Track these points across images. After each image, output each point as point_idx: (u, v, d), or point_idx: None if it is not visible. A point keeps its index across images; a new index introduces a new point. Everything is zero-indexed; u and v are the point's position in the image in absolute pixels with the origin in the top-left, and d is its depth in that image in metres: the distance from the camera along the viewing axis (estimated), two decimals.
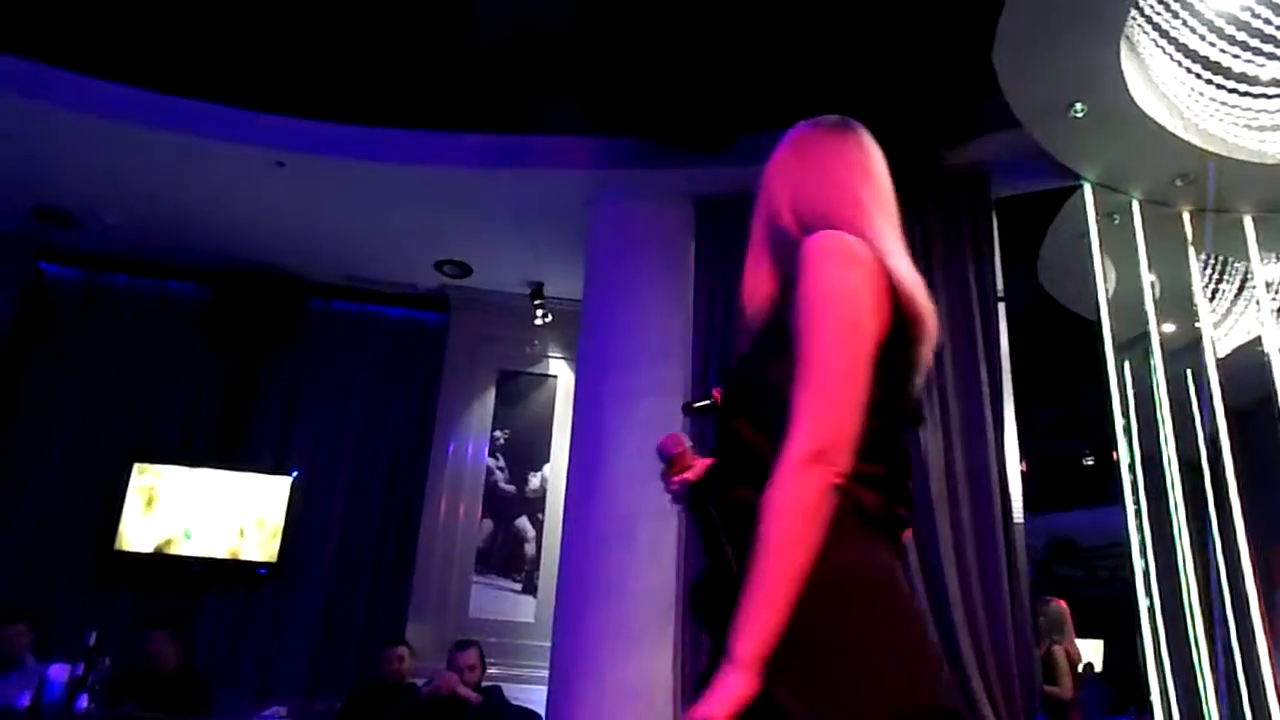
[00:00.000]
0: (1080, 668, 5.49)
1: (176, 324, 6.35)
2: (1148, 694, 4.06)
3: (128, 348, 6.24)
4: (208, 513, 5.94)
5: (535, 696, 4.88)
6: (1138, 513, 4.62)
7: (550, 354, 6.53)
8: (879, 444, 1.19)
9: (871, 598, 1.16)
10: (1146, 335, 4.65)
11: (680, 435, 1.53)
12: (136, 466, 5.90)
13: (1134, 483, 4.71)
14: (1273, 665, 4.25)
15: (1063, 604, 5.55)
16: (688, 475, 1.47)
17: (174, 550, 5.84)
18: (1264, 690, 4.16)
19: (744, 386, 1.34)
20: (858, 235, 1.27)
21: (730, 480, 1.28)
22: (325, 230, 5.90)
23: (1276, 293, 4.72)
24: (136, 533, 5.80)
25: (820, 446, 1.12)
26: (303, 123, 5.02)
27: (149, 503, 5.87)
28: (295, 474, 6.10)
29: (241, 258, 6.22)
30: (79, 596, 5.65)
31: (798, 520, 1.10)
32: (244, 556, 5.94)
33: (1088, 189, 4.35)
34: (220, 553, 5.91)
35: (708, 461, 1.45)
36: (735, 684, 1.06)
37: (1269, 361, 4.38)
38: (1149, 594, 4.45)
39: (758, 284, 1.42)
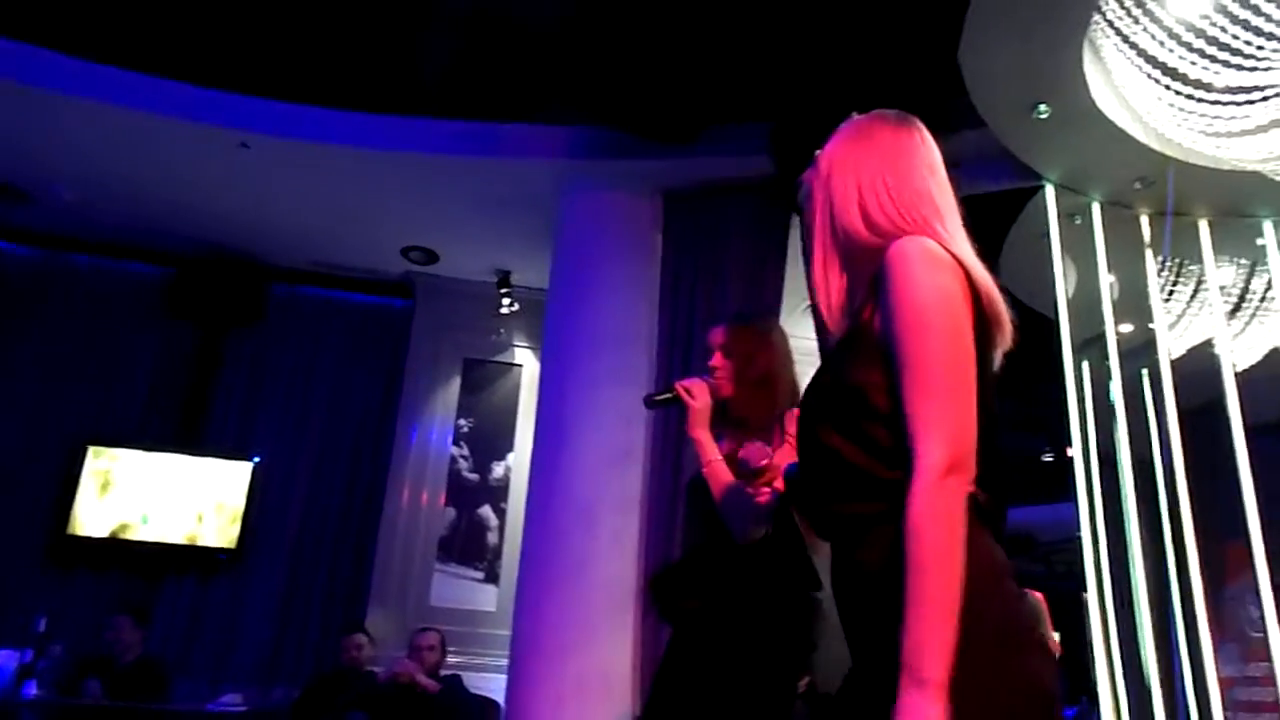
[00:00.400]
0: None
1: (136, 306, 6.25)
2: (1095, 685, 4.14)
3: (85, 329, 6.13)
4: (166, 498, 5.86)
5: (497, 685, 4.88)
6: (1091, 510, 4.70)
7: (516, 343, 6.51)
8: (983, 446, 1.21)
9: (1001, 594, 1.19)
10: (1104, 335, 4.73)
11: (764, 447, 1.55)
12: (92, 450, 5.81)
13: (1089, 480, 4.80)
14: (1216, 659, 4.35)
15: (1039, 596, 5.65)
16: (778, 485, 1.50)
17: (130, 535, 5.76)
18: (1207, 683, 4.26)
19: (829, 392, 1.33)
20: (934, 237, 1.27)
21: (823, 489, 1.29)
22: (290, 214, 5.83)
23: (1229, 296, 4.81)
24: (91, 517, 5.72)
25: (954, 458, 1.14)
26: (268, 103, 4.96)
27: (104, 486, 5.78)
28: (257, 460, 6.04)
29: (204, 239, 6.13)
30: (30, 582, 5.55)
31: (949, 534, 1.11)
32: (202, 542, 5.87)
33: (1049, 190, 4.40)
34: (178, 538, 5.83)
35: (783, 465, 1.47)
36: (929, 707, 1.04)
37: (1220, 363, 4.47)
38: (1100, 589, 4.54)
39: (831, 288, 1.39)
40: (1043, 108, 3.84)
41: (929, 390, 1.16)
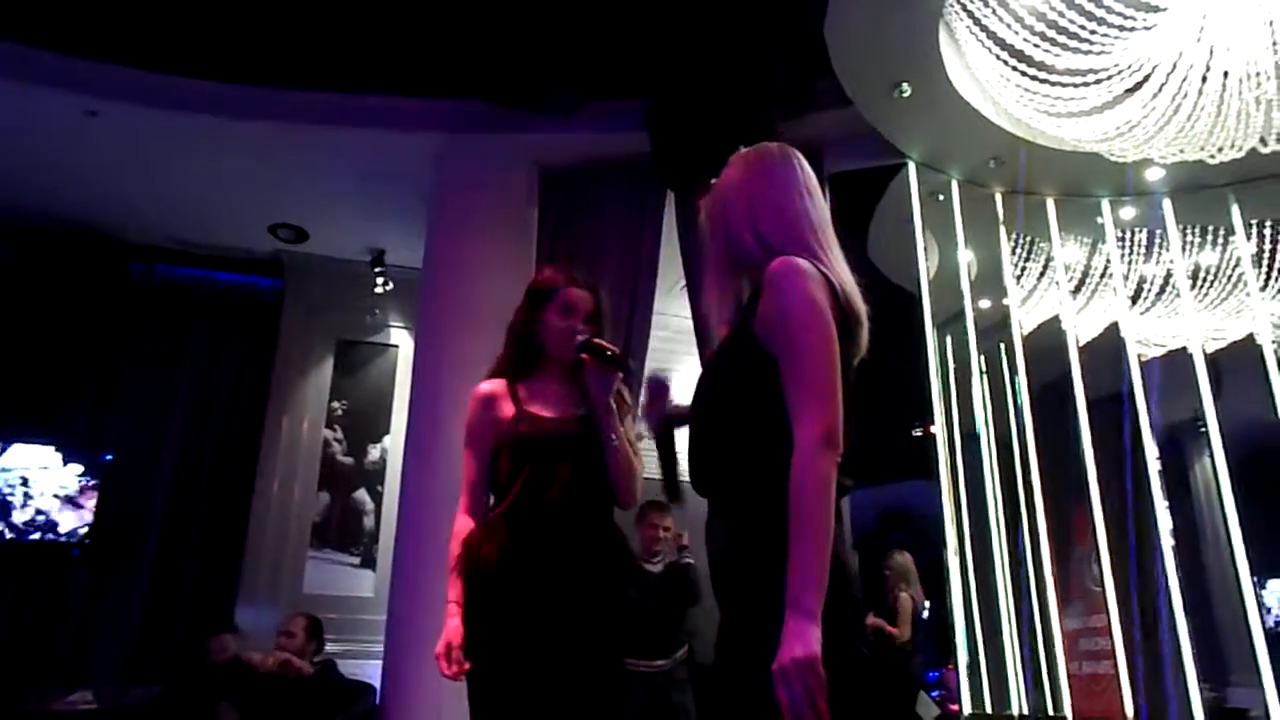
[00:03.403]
0: (924, 613, 5.89)
1: None
2: (954, 646, 4.35)
3: None
4: (9, 493, 5.47)
5: (375, 672, 4.76)
6: (953, 478, 4.93)
7: (391, 323, 6.36)
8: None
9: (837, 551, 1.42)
10: (964, 312, 4.95)
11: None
12: None
13: (951, 450, 5.02)
14: (1061, 616, 4.64)
15: (906, 556, 5.92)
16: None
17: None
18: (1054, 635, 4.54)
19: (717, 379, 1.59)
20: (812, 254, 1.52)
21: (706, 460, 1.56)
22: (146, 189, 5.51)
23: (1073, 274, 5.12)
24: None
25: (829, 433, 1.38)
26: (118, 69, 4.65)
27: None
28: (113, 452, 5.71)
29: (51, 215, 5.73)
30: None
31: (826, 493, 1.35)
32: (53, 537, 5.50)
33: (911, 168, 4.57)
34: (23, 535, 5.45)
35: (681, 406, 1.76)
36: (813, 629, 1.28)
37: (1066, 338, 4.76)
38: (961, 552, 4.76)
39: (724, 299, 1.64)
40: (904, 87, 3.99)
41: (807, 380, 1.41)
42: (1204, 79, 3.31)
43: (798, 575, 1.31)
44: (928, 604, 6.26)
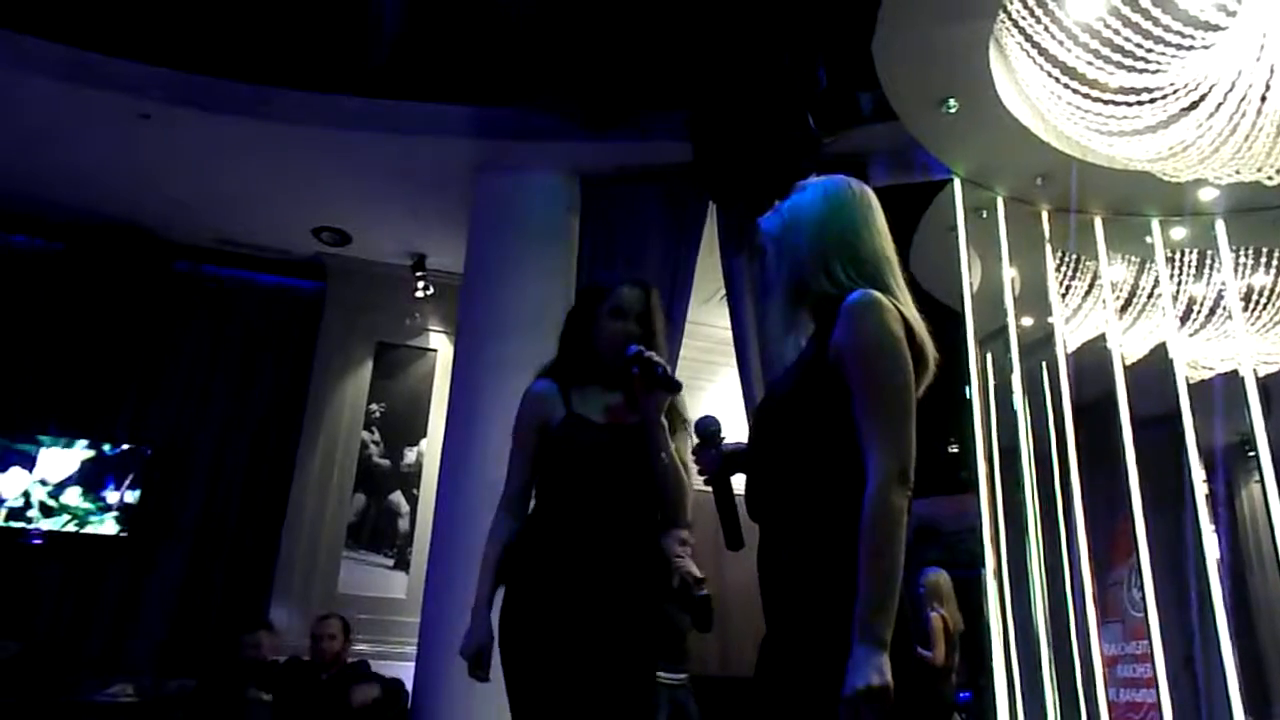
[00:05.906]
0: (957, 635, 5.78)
1: (22, 281, 5.92)
2: (991, 663, 4.28)
3: None
4: (53, 484, 5.58)
5: (406, 674, 4.79)
6: (992, 497, 4.85)
7: (431, 327, 6.41)
8: None
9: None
10: (1006, 328, 4.87)
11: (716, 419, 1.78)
12: None
13: (991, 470, 4.95)
14: (1100, 642, 4.55)
15: (942, 574, 5.83)
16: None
17: (14, 523, 5.47)
18: (1093, 660, 4.45)
19: (781, 408, 1.60)
20: (885, 290, 1.54)
21: (766, 489, 1.56)
22: (193, 189, 5.62)
23: (1120, 293, 5.02)
24: None
25: (901, 468, 1.41)
26: (170, 74, 4.75)
27: None
28: (152, 447, 5.81)
29: (100, 213, 5.85)
30: None
31: (897, 528, 1.38)
32: (92, 530, 5.61)
33: (956, 183, 4.51)
34: (66, 526, 5.56)
35: (735, 446, 1.73)
36: (884, 658, 1.31)
37: (1111, 357, 4.67)
38: (999, 573, 4.69)
39: (787, 328, 1.66)
40: (952, 102, 3.93)
41: (882, 414, 1.43)
42: (1263, 99, 3.24)
43: (869, 605, 1.34)
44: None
